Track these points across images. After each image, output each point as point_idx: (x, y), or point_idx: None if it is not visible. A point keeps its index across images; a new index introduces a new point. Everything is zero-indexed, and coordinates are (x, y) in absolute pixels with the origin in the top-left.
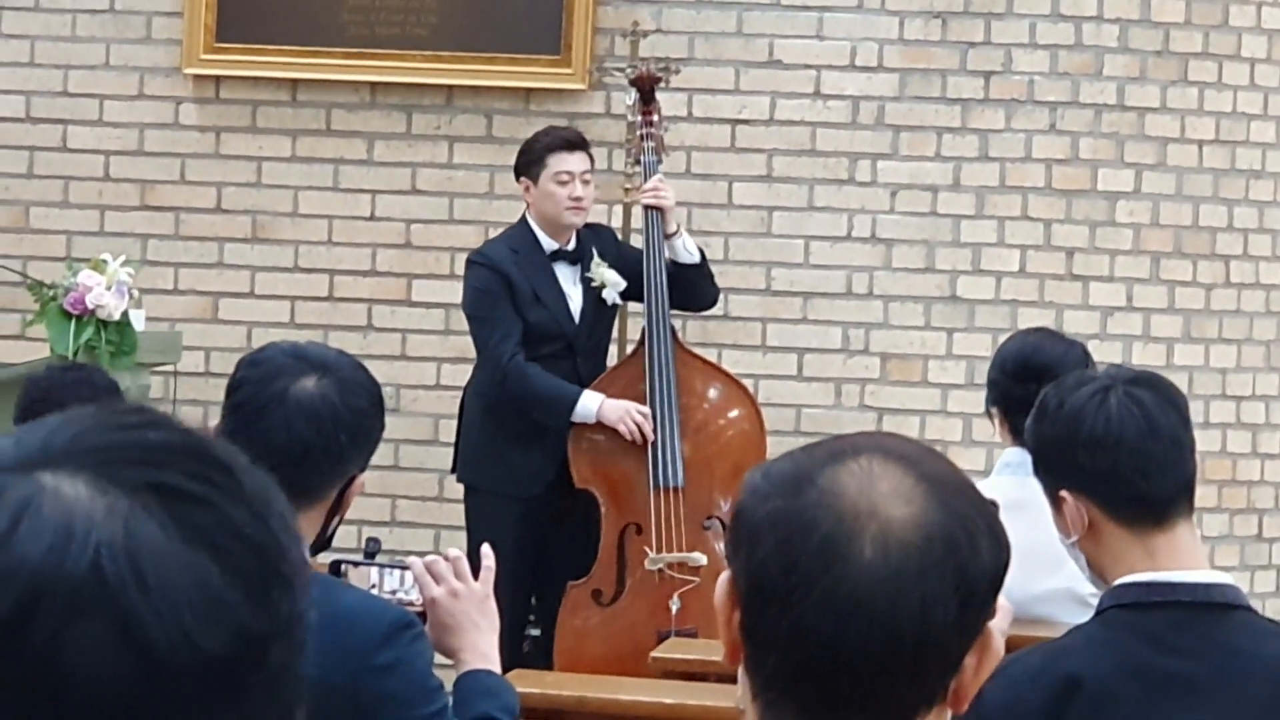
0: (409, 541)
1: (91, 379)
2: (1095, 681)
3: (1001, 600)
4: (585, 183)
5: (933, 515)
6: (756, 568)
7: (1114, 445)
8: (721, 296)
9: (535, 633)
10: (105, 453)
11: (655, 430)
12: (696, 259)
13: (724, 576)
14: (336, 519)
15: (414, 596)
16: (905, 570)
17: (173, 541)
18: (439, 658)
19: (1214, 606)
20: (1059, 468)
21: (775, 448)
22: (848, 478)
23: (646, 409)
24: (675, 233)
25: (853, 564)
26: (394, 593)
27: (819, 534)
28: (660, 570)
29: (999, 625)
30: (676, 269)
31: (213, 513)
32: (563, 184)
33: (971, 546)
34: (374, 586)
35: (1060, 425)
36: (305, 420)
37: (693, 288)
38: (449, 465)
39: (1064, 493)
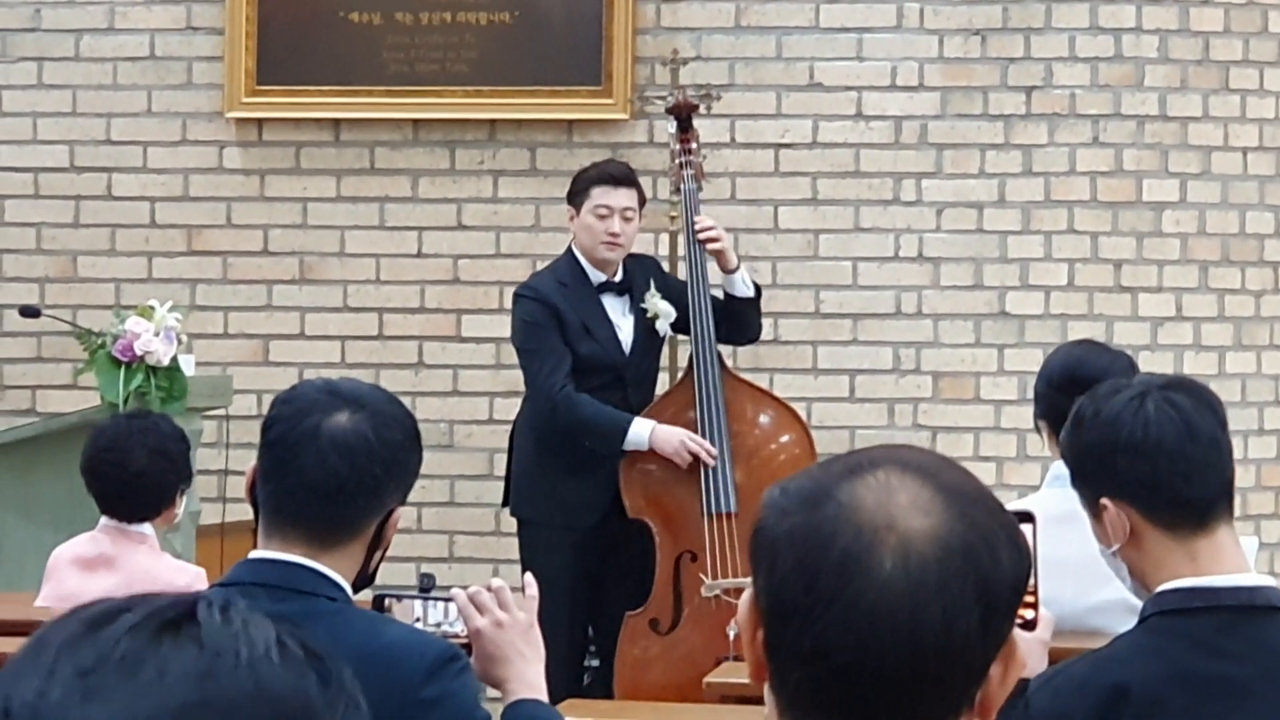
0: (468, 576)
1: (158, 426)
2: (1142, 689)
3: (1043, 611)
4: (627, 220)
5: (952, 526)
6: (777, 584)
7: (1153, 449)
8: (771, 321)
9: (594, 664)
10: None
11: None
12: (751, 294)
13: (746, 595)
14: (379, 554)
15: (459, 629)
16: (926, 582)
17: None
18: (488, 689)
19: (1258, 609)
20: (1098, 475)
21: None
22: (865, 491)
23: (698, 436)
24: (736, 268)
25: (873, 577)
26: (438, 625)
27: (838, 548)
28: (717, 596)
29: (1041, 636)
30: (729, 301)
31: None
32: (601, 218)
33: (992, 556)
34: (418, 620)
35: (1098, 432)
36: (339, 455)
37: (743, 320)
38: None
39: (1105, 500)
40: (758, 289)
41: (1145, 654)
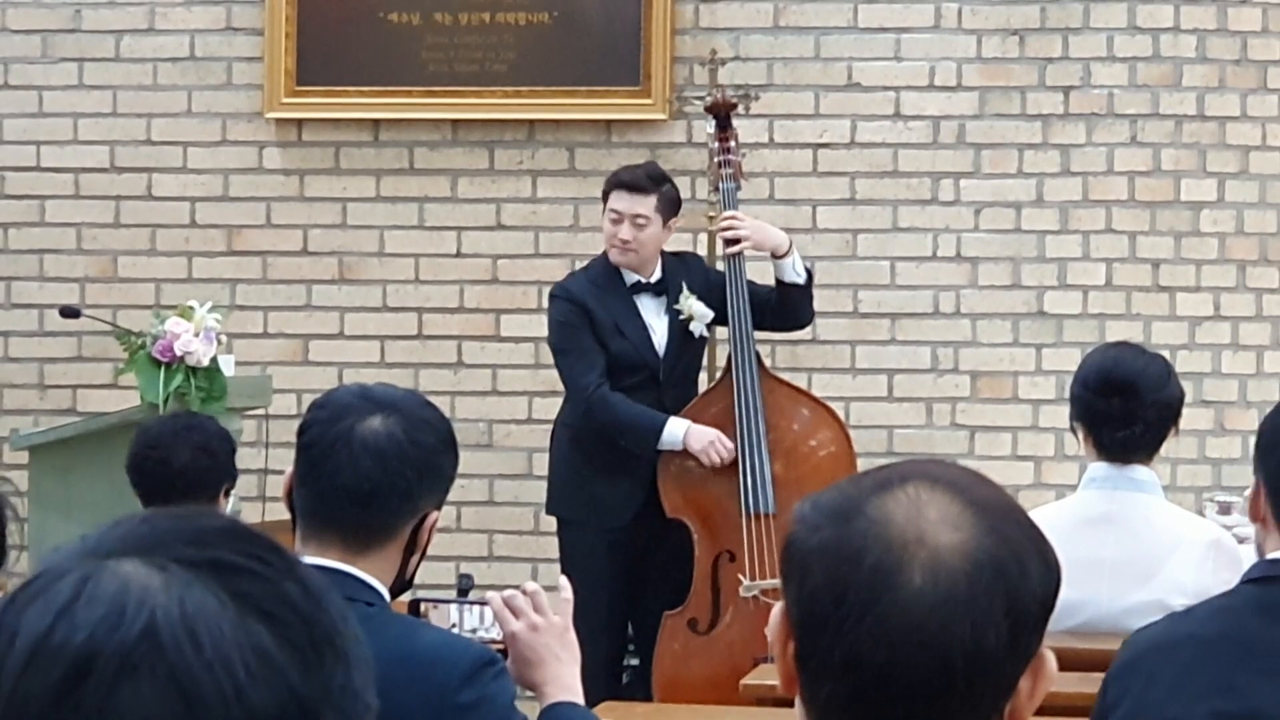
0: (507, 576)
1: (204, 425)
2: (1202, 639)
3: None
4: (638, 226)
5: (981, 541)
6: (808, 598)
7: None
8: None
9: (633, 663)
10: (161, 537)
11: (745, 456)
12: (802, 280)
13: (778, 607)
14: (416, 559)
15: (495, 633)
16: (955, 597)
17: (225, 608)
18: (523, 692)
19: None
20: (1260, 458)
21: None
22: (895, 506)
23: (726, 439)
24: (786, 254)
25: (903, 592)
26: (474, 630)
27: (868, 563)
28: (755, 596)
29: None
30: (779, 287)
31: (265, 585)
32: (612, 222)
33: (1021, 571)
34: (454, 625)
35: (1270, 420)
36: (371, 458)
37: (792, 307)
38: (543, 499)
39: (1257, 478)
40: (809, 275)
41: (1216, 613)
